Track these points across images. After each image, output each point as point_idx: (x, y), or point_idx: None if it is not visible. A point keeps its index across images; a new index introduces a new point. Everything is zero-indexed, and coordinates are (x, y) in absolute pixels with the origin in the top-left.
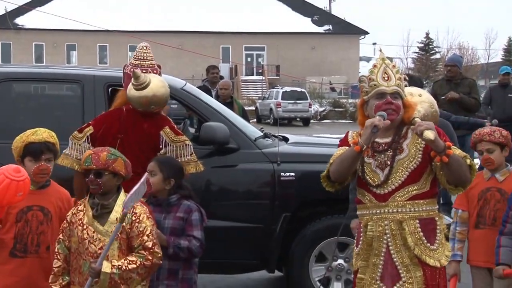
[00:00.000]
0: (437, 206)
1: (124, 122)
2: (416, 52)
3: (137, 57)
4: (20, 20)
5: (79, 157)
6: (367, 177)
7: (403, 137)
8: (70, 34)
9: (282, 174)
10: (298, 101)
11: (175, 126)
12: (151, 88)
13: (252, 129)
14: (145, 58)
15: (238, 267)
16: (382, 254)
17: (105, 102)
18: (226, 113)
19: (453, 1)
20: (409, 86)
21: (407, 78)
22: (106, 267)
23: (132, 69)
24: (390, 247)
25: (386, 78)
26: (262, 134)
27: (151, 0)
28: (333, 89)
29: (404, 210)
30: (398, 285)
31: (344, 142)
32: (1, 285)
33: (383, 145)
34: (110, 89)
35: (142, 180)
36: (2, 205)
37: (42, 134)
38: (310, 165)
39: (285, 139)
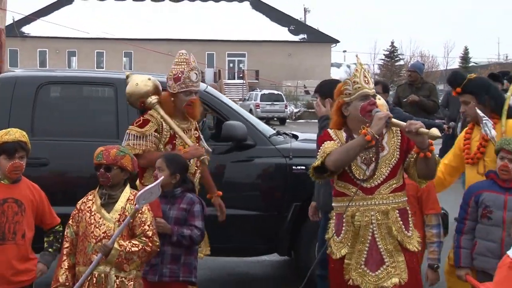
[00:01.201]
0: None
1: None
2: (382, 59)
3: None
4: (26, 29)
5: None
6: (354, 172)
7: (379, 135)
8: (70, 42)
9: (294, 167)
10: (275, 103)
11: (142, 118)
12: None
13: (266, 128)
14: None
15: (253, 251)
16: (368, 241)
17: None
18: (243, 113)
19: (416, 14)
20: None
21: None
22: (116, 245)
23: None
24: (376, 235)
25: (366, 82)
26: (275, 132)
27: (143, 10)
28: (307, 92)
29: (387, 201)
30: (381, 269)
31: (327, 138)
32: None
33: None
34: None
35: (157, 181)
36: None
37: (15, 134)
38: None
39: (295, 137)
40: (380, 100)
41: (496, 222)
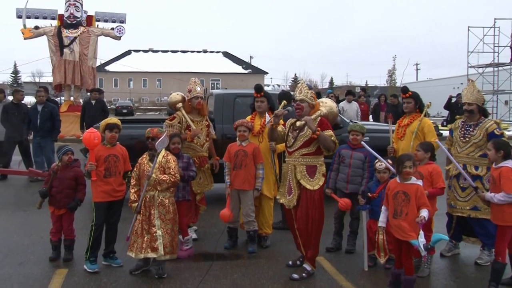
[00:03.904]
0: (321, 159)
1: None
2: (290, 84)
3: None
4: (107, 68)
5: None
6: (287, 142)
7: (302, 125)
8: (129, 74)
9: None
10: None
11: (173, 116)
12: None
13: (346, 120)
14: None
15: None
16: (287, 180)
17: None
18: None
19: (307, 55)
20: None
21: (314, 92)
22: (154, 175)
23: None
24: (290, 178)
25: (299, 92)
26: (349, 121)
27: (167, 57)
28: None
29: (297, 160)
30: (291, 195)
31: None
32: (101, 190)
33: (297, 127)
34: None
35: (163, 136)
36: (91, 148)
37: (114, 120)
38: (375, 134)
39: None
40: (326, 103)
41: (346, 165)
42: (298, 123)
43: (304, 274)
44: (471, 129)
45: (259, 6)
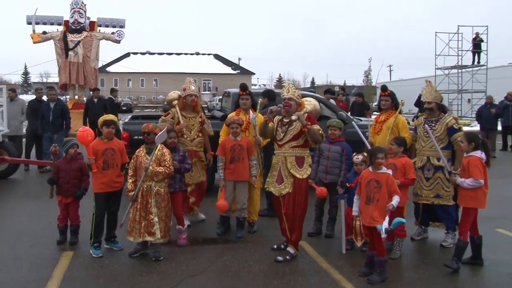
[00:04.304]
0: (308, 151)
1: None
2: (275, 83)
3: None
4: (108, 68)
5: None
6: (276, 136)
7: (295, 120)
8: (128, 74)
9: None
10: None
11: (167, 112)
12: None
13: (350, 116)
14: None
15: None
16: (277, 170)
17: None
18: (342, 110)
19: (290, 57)
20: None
21: (299, 92)
22: (151, 167)
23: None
24: (281, 168)
25: (287, 91)
26: (353, 117)
27: (163, 59)
28: None
29: (287, 152)
30: (282, 184)
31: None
32: (100, 182)
33: (286, 123)
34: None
35: (163, 131)
36: (86, 144)
37: (110, 116)
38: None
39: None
40: (310, 102)
41: (325, 157)
42: (293, 117)
43: (288, 257)
44: (432, 125)
45: (249, 10)
